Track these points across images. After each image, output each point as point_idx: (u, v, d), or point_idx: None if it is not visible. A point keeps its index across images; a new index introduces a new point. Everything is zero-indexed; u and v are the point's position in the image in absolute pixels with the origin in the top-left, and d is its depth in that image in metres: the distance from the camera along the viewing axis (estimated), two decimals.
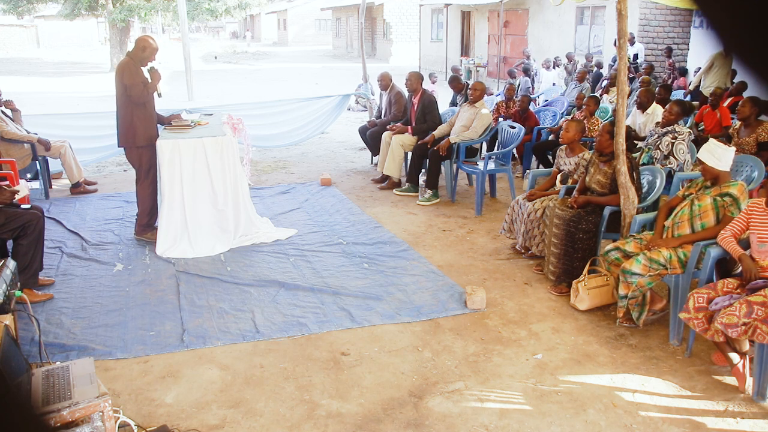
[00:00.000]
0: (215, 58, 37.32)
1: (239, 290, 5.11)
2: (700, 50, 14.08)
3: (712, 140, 4.38)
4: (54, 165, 8.12)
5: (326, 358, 4.07)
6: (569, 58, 16.70)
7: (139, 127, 5.92)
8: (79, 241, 6.22)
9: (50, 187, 7.99)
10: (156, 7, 28.02)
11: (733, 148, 4.30)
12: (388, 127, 8.49)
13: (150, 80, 5.96)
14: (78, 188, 7.97)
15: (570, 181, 5.76)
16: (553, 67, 15.80)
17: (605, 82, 12.67)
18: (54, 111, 12.42)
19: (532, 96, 11.97)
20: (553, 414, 3.51)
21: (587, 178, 5.35)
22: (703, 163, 4.24)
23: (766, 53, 0.60)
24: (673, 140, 6.09)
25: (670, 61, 14.75)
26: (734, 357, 3.77)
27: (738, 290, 3.78)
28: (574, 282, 4.84)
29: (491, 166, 7.54)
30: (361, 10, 13.08)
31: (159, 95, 6.09)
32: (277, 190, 8.18)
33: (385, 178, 8.35)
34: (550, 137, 8.54)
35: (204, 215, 5.94)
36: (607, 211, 5.07)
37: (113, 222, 6.81)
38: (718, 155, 4.18)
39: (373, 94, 12.23)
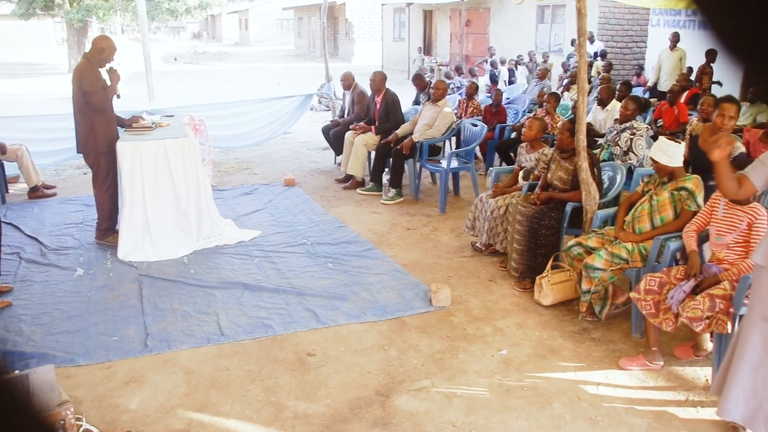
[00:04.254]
0: (175, 59, 36.86)
1: (203, 293, 5.06)
2: (657, 48, 14.33)
3: (662, 138, 4.43)
4: (10, 168, 7.95)
5: (292, 359, 4.05)
6: (530, 56, 16.88)
7: (100, 133, 5.81)
8: (38, 246, 6.10)
9: (6, 191, 7.82)
10: (114, 7, 27.58)
11: (683, 143, 4.37)
12: (351, 126, 8.49)
13: (109, 82, 5.86)
14: (36, 192, 7.82)
15: (532, 177, 5.82)
16: (516, 66, 15.95)
17: (566, 81, 12.83)
18: (10, 113, 12.16)
19: (489, 95, 12.08)
20: (519, 409, 3.54)
21: (549, 175, 5.41)
22: (657, 162, 4.30)
23: (765, 51, 0.61)
24: (632, 136, 6.18)
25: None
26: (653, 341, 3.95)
27: (686, 279, 3.85)
28: (537, 278, 4.89)
29: (454, 164, 7.58)
30: (323, 9, 13.06)
31: (118, 96, 5.99)
32: (240, 191, 8.12)
33: (348, 177, 8.34)
34: (513, 135, 8.61)
35: (166, 218, 5.87)
36: (569, 207, 5.12)
37: (73, 226, 6.69)
38: (671, 153, 4.24)
39: (336, 95, 12.21)
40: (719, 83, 10.92)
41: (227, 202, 7.51)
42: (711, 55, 10.69)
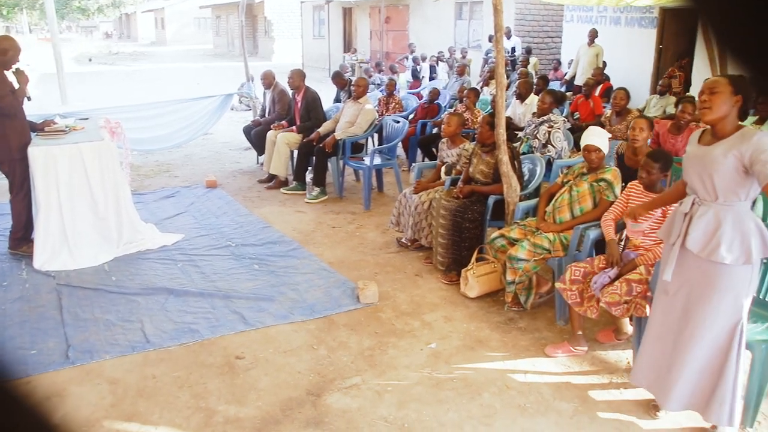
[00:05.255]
0: (89, 60, 35.69)
1: (126, 300, 4.92)
2: (572, 43, 14.76)
3: (597, 128, 4.60)
4: None
5: (221, 364, 4.00)
6: (450, 52, 17.09)
7: (13, 138, 5.56)
8: None
9: None
10: (20, 4, 26.43)
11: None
12: (272, 125, 8.41)
13: (17, 85, 5.62)
14: None
15: (454, 172, 5.89)
16: (437, 63, 16.12)
17: (485, 75, 13.05)
18: None
19: (411, 91, 12.26)
20: (449, 401, 3.59)
21: (471, 169, 5.49)
22: (593, 151, 4.42)
23: (762, 48, 0.62)
24: (549, 129, 6.34)
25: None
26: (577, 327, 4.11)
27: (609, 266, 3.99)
28: (463, 270, 4.96)
29: (377, 160, 7.61)
30: (241, 7, 12.89)
31: (28, 98, 5.76)
32: (161, 194, 7.94)
33: (271, 177, 8.27)
34: (434, 130, 8.71)
35: (84, 224, 5.68)
36: (491, 199, 5.21)
37: None
38: (605, 138, 4.46)
39: (256, 94, 12.08)
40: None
41: (148, 206, 7.34)
42: (682, 59, 10.95)
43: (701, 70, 10.54)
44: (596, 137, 4.44)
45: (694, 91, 9.92)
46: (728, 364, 3.06)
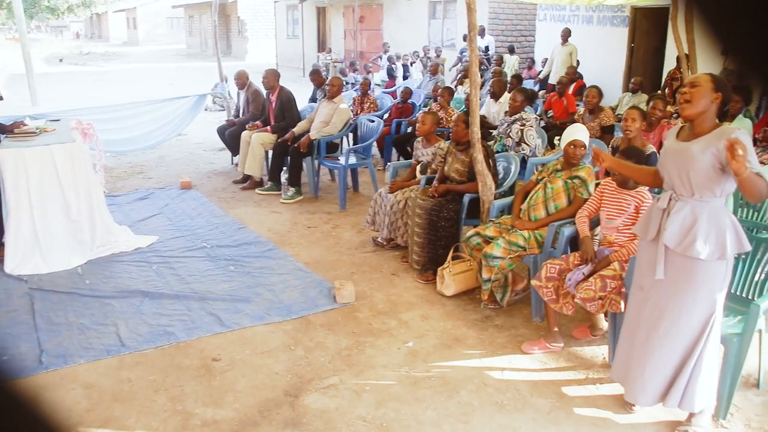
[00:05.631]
0: (60, 60, 35.21)
1: (100, 303, 4.87)
2: (545, 42, 14.87)
3: (580, 125, 4.69)
4: None
5: (197, 366, 3.97)
6: (425, 51, 17.14)
7: None
8: None
9: None
10: None
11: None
12: (246, 126, 8.37)
13: None
14: None
15: (429, 171, 5.91)
16: (411, 64, 16.16)
17: (459, 74, 13.11)
18: None
19: (385, 90, 12.28)
20: (427, 399, 3.59)
21: (446, 168, 5.50)
22: (584, 147, 4.48)
23: (762, 49, 0.62)
24: (522, 127, 6.38)
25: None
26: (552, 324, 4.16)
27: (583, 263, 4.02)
28: (439, 269, 4.97)
29: (352, 160, 7.61)
30: (214, 7, 12.83)
31: (1, 98, 5.68)
32: (135, 196, 7.86)
33: (246, 178, 8.23)
34: (409, 129, 8.72)
35: (57, 227, 5.61)
36: (466, 198, 5.23)
37: None
38: (586, 133, 4.52)
39: (230, 94, 12.01)
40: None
41: (121, 209, 7.26)
42: (682, 62, 10.89)
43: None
44: (581, 132, 4.50)
45: None
46: (692, 354, 3.10)
